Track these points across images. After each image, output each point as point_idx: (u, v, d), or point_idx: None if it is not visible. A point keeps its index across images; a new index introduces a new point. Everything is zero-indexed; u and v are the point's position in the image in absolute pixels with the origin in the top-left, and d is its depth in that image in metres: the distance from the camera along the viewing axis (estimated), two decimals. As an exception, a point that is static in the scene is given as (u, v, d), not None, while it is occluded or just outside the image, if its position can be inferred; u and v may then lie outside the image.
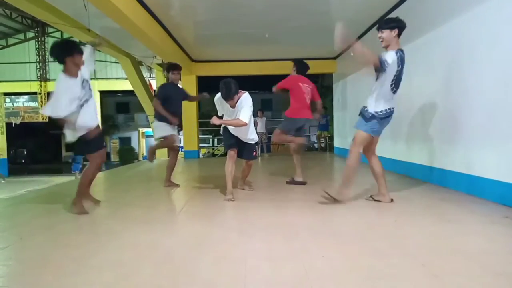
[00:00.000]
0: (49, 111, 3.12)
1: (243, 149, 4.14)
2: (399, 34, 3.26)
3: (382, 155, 3.65)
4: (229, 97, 3.72)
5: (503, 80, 3.37)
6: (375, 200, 3.57)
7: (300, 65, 4.85)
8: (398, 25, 3.25)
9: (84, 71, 3.29)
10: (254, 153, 4.23)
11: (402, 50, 3.25)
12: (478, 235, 2.59)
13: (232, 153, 4.00)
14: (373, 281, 1.83)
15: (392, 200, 3.53)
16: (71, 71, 3.16)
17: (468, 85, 3.91)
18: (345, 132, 9.16)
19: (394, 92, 3.31)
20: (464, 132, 3.97)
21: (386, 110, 3.31)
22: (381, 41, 3.29)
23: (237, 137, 4.05)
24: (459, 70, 4.07)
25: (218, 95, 3.91)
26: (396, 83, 3.27)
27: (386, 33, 3.25)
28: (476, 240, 2.48)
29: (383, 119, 3.34)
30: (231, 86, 3.67)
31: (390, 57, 3.18)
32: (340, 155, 9.50)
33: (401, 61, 3.22)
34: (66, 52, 3.11)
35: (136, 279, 1.92)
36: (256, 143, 4.28)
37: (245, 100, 3.81)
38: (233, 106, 3.84)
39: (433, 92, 4.63)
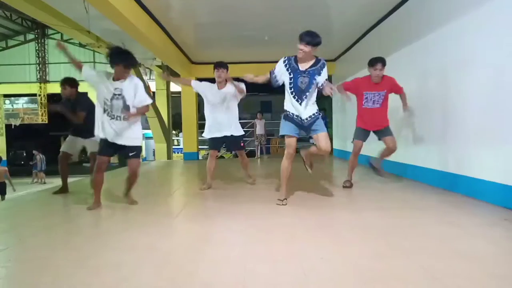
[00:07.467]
0: None
1: (230, 144, 4.77)
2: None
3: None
4: (222, 66, 4.39)
5: (502, 82, 3.38)
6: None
7: None
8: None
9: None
10: (242, 144, 4.68)
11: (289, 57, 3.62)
12: (478, 237, 2.59)
13: (213, 154, 4.63)
14: (372, 283, 1.83)
15: None
16: None
17: (466, 87, 3.92)
18: (345, 134, 9.16)
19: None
20: (462, 134, 3.97)
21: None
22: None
23: (222, 138, 4.53)
24: (457, 72, 4.08)
25: (204, 84, 4.55)
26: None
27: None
28: (476, 242, 2.48)
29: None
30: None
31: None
32: (340, 157, 9.50)
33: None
34: None
35: (136, 281, 1.92)
36: (243, 136, 4.69)
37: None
38: (221, 86, 4.42)
39: (430, 94, 4.64)
